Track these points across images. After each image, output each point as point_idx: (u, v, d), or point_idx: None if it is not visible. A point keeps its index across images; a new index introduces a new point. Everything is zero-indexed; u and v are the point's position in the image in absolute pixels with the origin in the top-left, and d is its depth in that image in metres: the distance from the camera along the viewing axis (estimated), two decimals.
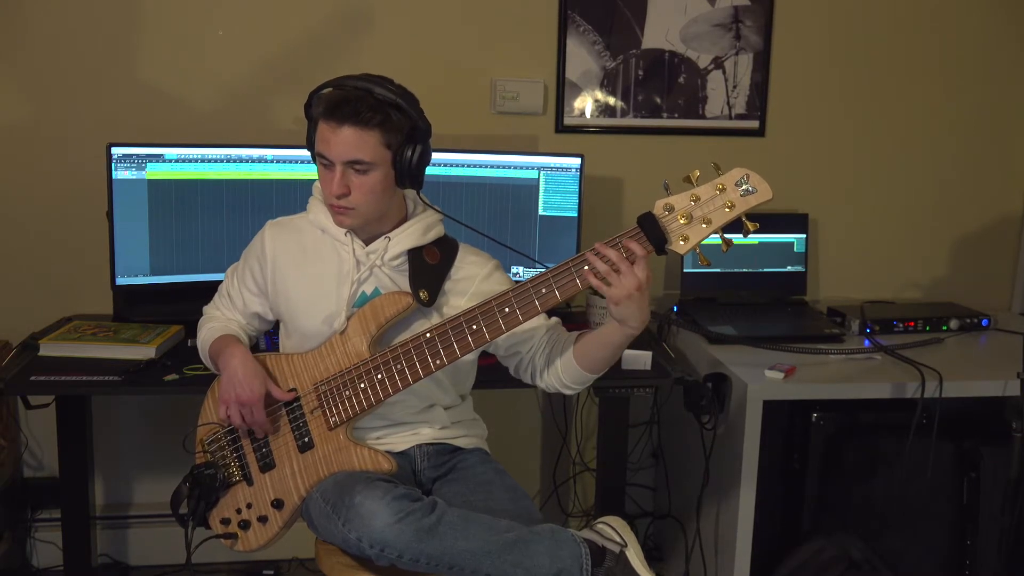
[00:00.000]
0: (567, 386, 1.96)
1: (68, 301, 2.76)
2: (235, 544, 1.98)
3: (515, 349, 1.98)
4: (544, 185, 2.68)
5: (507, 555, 1.76)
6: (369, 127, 1.82)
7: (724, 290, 2.91)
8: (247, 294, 2.06)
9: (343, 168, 1.84)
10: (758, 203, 1.71)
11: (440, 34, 2.84)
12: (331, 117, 1.82)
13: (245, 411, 1.91)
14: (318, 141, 1.86)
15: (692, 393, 2.47)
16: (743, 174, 1.71)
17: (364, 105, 1.81)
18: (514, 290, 1.81)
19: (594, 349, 1.89)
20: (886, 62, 3.05)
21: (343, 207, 1.87)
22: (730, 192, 1.71)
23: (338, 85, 1.86)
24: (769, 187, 1.70)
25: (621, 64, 2.93)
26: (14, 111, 2.72)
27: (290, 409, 1.95)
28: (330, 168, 1.85)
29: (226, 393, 1.92)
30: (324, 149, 1.84)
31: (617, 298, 1.74)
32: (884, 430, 2.50)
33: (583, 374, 1.92)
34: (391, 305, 1.92)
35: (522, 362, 2.00)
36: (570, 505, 3.16)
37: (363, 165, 1.84)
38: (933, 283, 3.19)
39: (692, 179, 1.72)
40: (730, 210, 1.71)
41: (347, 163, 1.83)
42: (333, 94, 1.84)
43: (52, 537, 2.83)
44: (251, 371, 1.92)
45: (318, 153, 1.87)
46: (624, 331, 1.81)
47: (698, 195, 1.72)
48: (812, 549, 2.50)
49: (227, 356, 1.95)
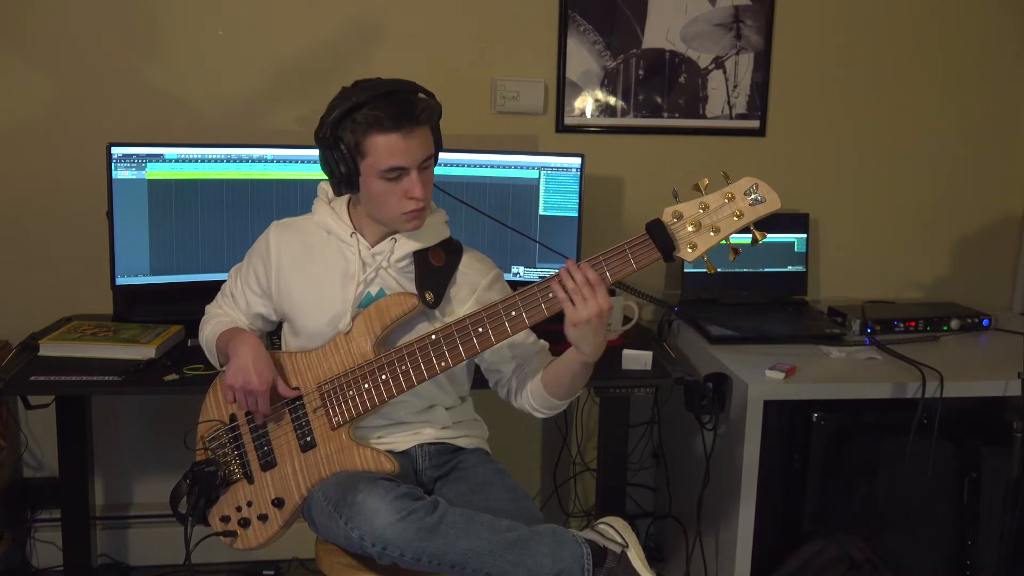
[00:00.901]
0: (536, 409, 1.99)
1: (68, 301, 2.76)
2: (234, 542, 1.97)
3: (496, 367, 2.01)
4: (544, 185, 2.68)
5: (508, 555, 1.76)
6: (427, 121, 1.85)
7: (725, 290, 2.91)
8: (251, 295, 2.06)
9: (418, 170, 1.84)
10: (767, 213, 1.72)
11: (440, 34, 2.84)
12: (399, 126, 1.80)
13: (251, 398, 1.90)
14: (383, 157, 1.81)
15: (693, 393, 2.47)
16: (752, 183, 1.72)
17: (417, 103, 1.83)
18: (520, 294, 1.81)
19: (557, 375, 1.92)
20: (887, 62, 3.05)
21: (421, 209, 1.88)
22: (739, 201, 1.72)
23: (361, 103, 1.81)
24: (778, 197, 1.72)
25: (621, 64, 2.92)
26: (14, 111, 2.72)
27: (293, 408, 1.95)
28: (400, 178, 1.84)
29: (233, 378, 1.90)
30: (400, 160, 1.82)
31: (576, 320, 1.75)
32: (885, 430, 2.50)
33: (549, 399, 1.95)
34: (397, 306, 1.92)
35: (501, 380, 2.03)
36: (571, 505, 3.16)
37: (428, 160, 1.87)
38: (934, 283, 3.19)
39: (701, 187, 1.74)
40: (739, 219, 1.72)
41: (422, 163, 1.85)
42: (381, 107, 1.80)
43: (52, 537, 2.82)
44: (262, 359, 1.91)
45: (388, 168, 1.82)
46: (579, 357, 1.83)
47: (707, 203, 1.73)
48: (813, 549, 2.50)
49: (238, 343, 1.94)
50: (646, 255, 1.75)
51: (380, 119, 1.80)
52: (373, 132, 1.80)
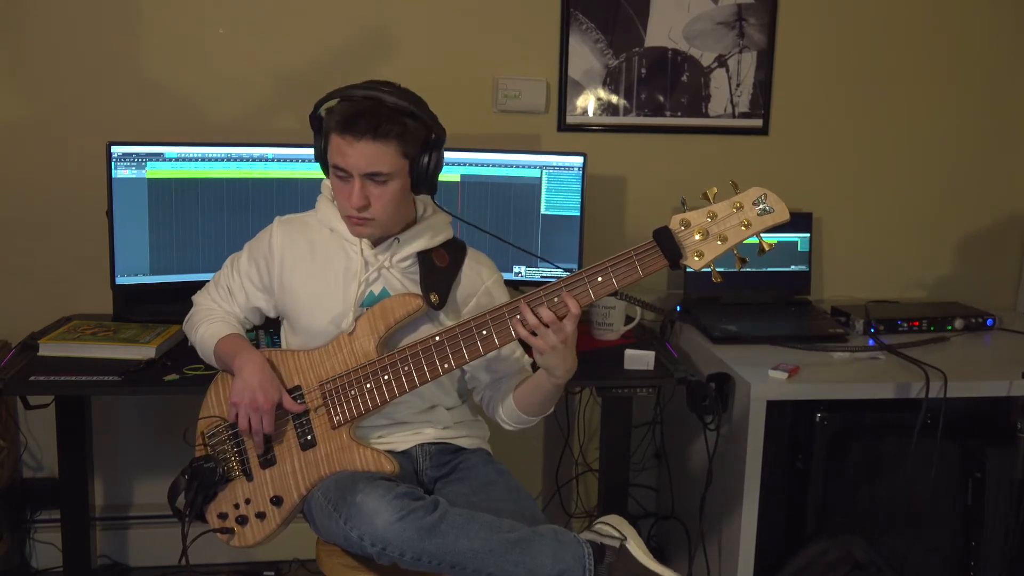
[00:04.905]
0: (506, 422, 2.02)
1: (68, 301, 2.75)
2: (231, 539, 1.96)
3: (475, 374, 2.03)
4: (546, 184, 2.67)
5: (509, 555, 1.75)
6: (388, 139, 1.81)
7: (728, 290, 2.90)
8: (251, 288, 2.05)
9: (362, 180, 1.83)
10: (775, 223, 1.72)
11: (442, 33, 2.83)
12: (347, 131, 1.80)
13: (255, 418, 1.90)
14: (333, 153, 1.84)
15: (695, 393, 2.45)
16: (761, 193, 1.72)
17: (381, 117, 1.80)
18: (525, 298, 1.80)
19: (528, 393, 1.95)
20: (891, 60, 3.04)
21: (363, 219, 1.87)
22: (747, 210, 1.72)
23: (346, 97, 1.83)
24: (786, 208, 1.72)
25: (624, 62, 2.91)
26: (14, 110, 2.71)
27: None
28: (347, 180, 1.84)
29: (239, 396, 1.91)
30: (341, 162, 1.83)
31: (541, 349, 1.78)
32: (888, 430, 2.49)
33: (519, 414, 1.98)
34: (401, 307, 1.91)
35: (478, 387, 2.06)
36: (572, 506, 3.15)
37: (382, 176, 1.84)
38: (938, 282, 3.18)
39: (709, 196, 1.73)
40: (746, 228, 1.72)
41: (366, 175, 1.83)
42: (346, 107, 1.82)
43: (51, 538, 2.82)
44: (268, 378, 1.91)
45: (334, 165, 1.85)
46: (551, 380, 1.86)
47: (715, 212, 1.73)
48: (816, 550, 2.48)
49: (243, 359, 1.93)
50: (653, 263, 1.75)
51: (340, 119, 1.82)
52: (331, 128, 1.84)
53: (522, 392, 1.96)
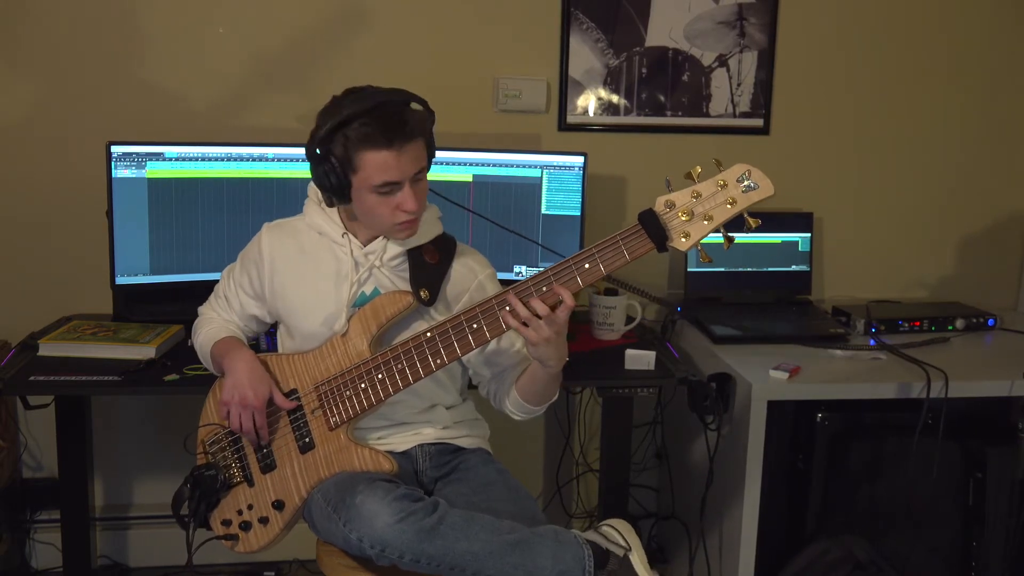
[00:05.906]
0: (515, 413, 2.02)
1: (68, 300, 2.75)
2: (236, 545, 1.97)
3: (477, 369, 2.04)
4: (547, 184, 2.66)
5: (509, 556, 1.75)
6: (415, 134, 1.82)
7: (728, 289, 2.90)
8: (244, 297, 2.05)
9: (410, 183, 1.83)
10: (760, 199, 1.70)
11: (442, 32, 2.82)
12: (388, 144, 1.78)
13: (245, 415, 1.90)
14: (374, 173, 1.80)
15: (696, 393, 2.45)
16: (744, 170, 1.70)
17: (408, 117, 1.81)
18: (514, 287, 1.80)
19: (528, 383, 1.95)
20: (892, 60, 3.03)
21: (413, 220, 1.88)
22: (732, 188, 1.70)
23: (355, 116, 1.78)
24: (771, 183, 1.70)
25: (624, 62, 2.91)
26: (14, 110, 2.71)
27: (291, 410, 1.94)
28: (394, 192, 1.83)
29: (229, 395, 1.91)
30: (390, 176, 1.80)
31: (533, 341, 1.78)
32: (889, 430, 2.49)
33: (524, 404, 1.98)
34: (392, 305, 1.91)
35: (482, 382, 2.06)
36: (573, 506, 3.14)
37: (421, 172, 1.86)
38: (939, 282, 3.17)
39: (693, 175, 1.72)
40: (732, 206, 1.70)
41: (411, 177, 1.84)
42: (376, 121, 1.78)
43: (51, 538, 2.81)
44: (257, 375, 1.92)
45: (381, 184, 1.81)
46: (545, 370, 1.86)
47: (699, 191, 1.71)
48: (817, 550, 2.48)
49: (232, 358, 1.94)
50: (639, 246, 1.73)
51: (371, 135, 1.78)
52: (364, 148, 1.79)
53: (523, 384, 1.96)
